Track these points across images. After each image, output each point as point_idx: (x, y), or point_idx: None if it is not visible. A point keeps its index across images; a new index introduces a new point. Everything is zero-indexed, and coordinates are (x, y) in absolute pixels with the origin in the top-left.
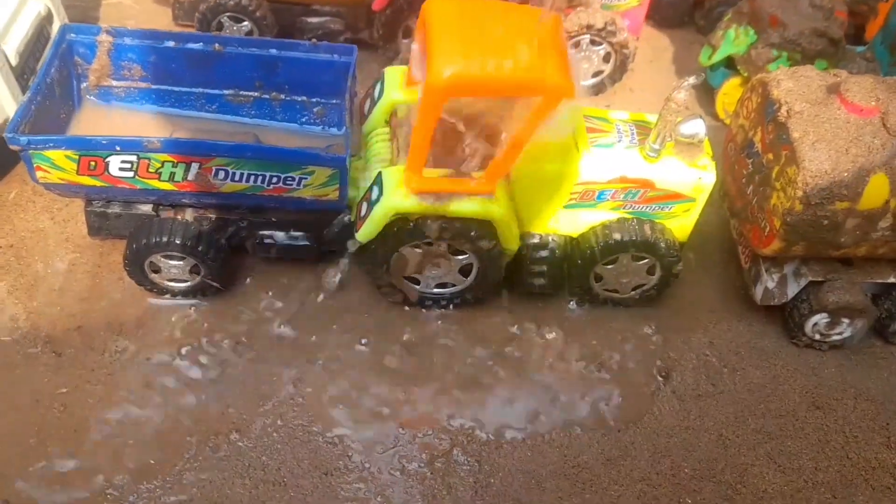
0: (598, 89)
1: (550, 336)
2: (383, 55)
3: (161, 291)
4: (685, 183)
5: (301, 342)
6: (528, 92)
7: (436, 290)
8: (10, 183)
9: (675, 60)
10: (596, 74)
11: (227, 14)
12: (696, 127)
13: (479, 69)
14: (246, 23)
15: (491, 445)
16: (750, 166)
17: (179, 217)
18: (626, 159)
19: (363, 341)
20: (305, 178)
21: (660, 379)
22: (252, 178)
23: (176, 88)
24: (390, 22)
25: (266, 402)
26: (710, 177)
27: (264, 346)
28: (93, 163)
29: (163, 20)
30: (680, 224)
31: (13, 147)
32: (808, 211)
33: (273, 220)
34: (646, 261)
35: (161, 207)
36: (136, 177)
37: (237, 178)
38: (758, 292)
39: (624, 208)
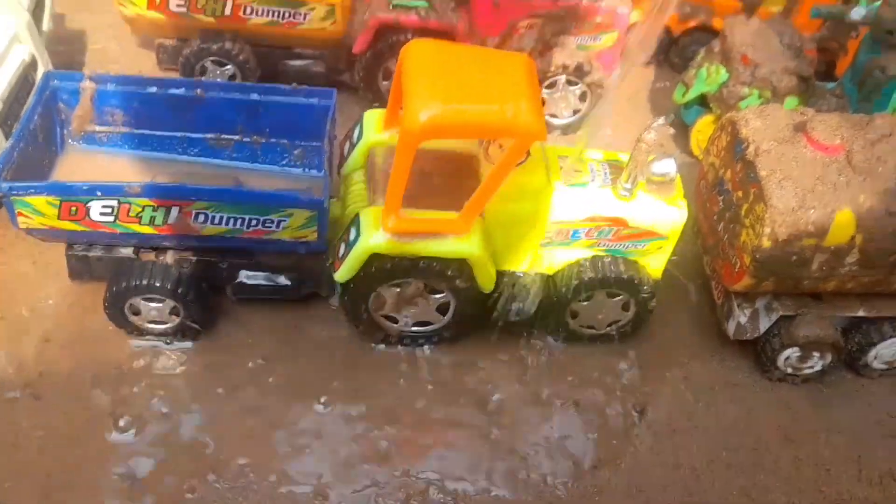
0: (576, 126)
1: (524, 371)
2: (364, 97)
3: (141, 333)
4: (657, 221)
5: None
6: (502, 135)
7: (414, 329)
8: None
9: (652, 98)
10: (574, 113)
11: (211, 58)
12: (668, 166)
13: (454, 113)
14: (229, 66)
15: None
16: (721, 203)
17: (160, 260)
18: (599, 198)
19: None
20: (284, 221)
21: (635, 414)
22: (232, 220)
23: (158, 133)
24: (371, 65)
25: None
26: (681, 215)
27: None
28: (74, 208)
29: (147, 65)
30: (654, 261)
31: None
32: (776, 248)
33: (253, 261)
34: (620, 297)
35: (142, 250)
36: (117, 221)
37: (217, 221)
38: (731, 327)
39: (598, 246)
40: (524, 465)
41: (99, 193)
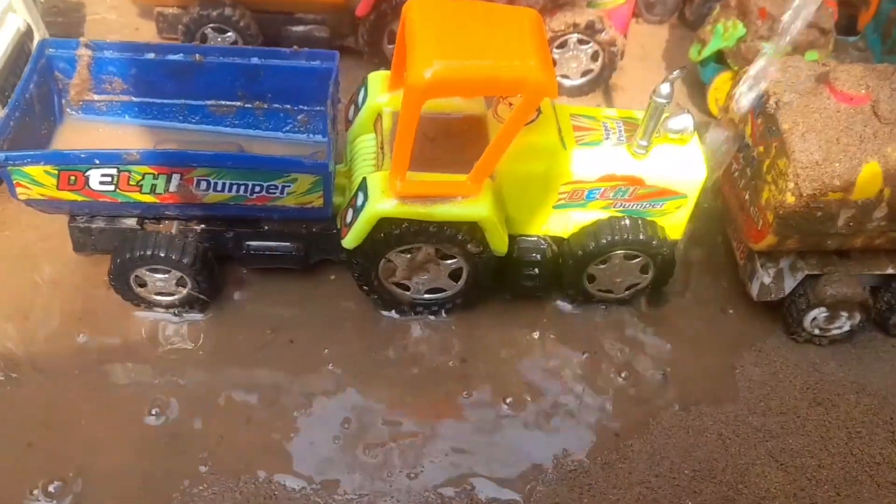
0: (589, 87)
1: (542, 338)
2: (369, 61)
3: (147, 305)
4: (675, 179)
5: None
6: (510, 91)
7: (426, 296)
8: None
9: (666, 57)
10: (585, 73)
11: (211, 25)
12: (685, 122)
13: (460, 68)
14: (230, 33)
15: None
16: (741, 160)
17: (164, 230)
18: (614, 157)
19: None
20: (288, 186)
21: (658, 379)
22: (235, 187)
23: (158, 100)
24: (374, 27)
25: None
26: (700, 172)
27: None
28: (73, 177)
29: (147, 34)
30: (672, 221)
31: None
32: (800, 203)
33: (259, 229)
34: (639, 259)
35: (146, 221)
36: (117, 190)
37: (220, 188)
38: (754, 288)
39: (614, 207)
40: (545, 433)
41: (97, 161)
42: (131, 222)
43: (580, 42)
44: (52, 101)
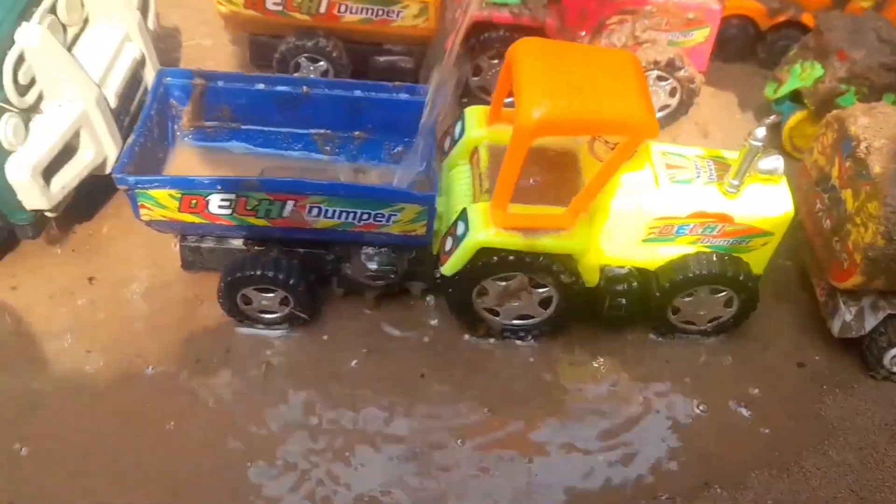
0: (665, 122)
1: (624, 366)
2: (453, 94)
3: (251, 321)
4: (763, 218)
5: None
6: (615, 131)
7: (515, 322)
8: (101, 219)
9: (738, 94)
10: (662, 109)
11: (305, 55)
12: (775, 163)
13: (568, 110)
14: (322, 63)
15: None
16: (826, 201)
17: (270, 251)
18: (706, 195)
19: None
20: (395, 215)
21: (739, 412)
22: (344, 214)
23: (264, 128)
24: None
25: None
26: (788, 211)
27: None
28: (194, 201)
29: (239, 60)
30: (757, 257)
31: (120, 187)
32: (890, 246)
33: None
34: (723, 293)
35: (251, 242)
36: (234, 214)
37: (330, 214)
38: (835, 325)
39: (701, 242)
40: (626, 462)
41: (219, 187)
42: (238, 243)
43: (659, 79)
44: (167, 127)
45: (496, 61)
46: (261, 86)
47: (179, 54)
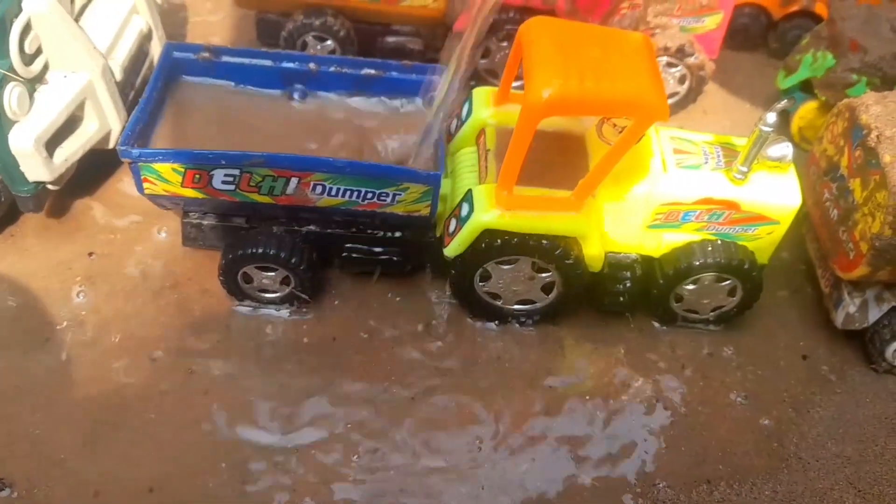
0: (674, 110)
1: (625, 354)
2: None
3: (251, 300)
4: (771, 206)
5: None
6: (625, 112)
7: (516, 307)
8: (103, 194)
9: (748, 83)
10: (671, 96)
11: (313, 34)
12: (784, 150)
13: (578, 89)
14: (329, 42)
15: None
16: (835, 190)
17: (272, 229)
18: (713, 181)
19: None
20: (399, 195)
21: (739, 402)
22: (348, 193)
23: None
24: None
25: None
26: (796, 200)
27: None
28: (198, 175)
29: (246, 37)
30: (762, 246)
31: (125, 159)
32: None
33: (363, 235)
34: (728, 282)
35: (253, 220)
36: (238, 190)
37: (334, 192)
38: (839, 317)
39: (707, 229)
40: (625, 453)
41: (223, 162)
42: (240, 221)
43: (669, 65)
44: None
45: (505, 44)
46: (268, 62)
47: (185, 30)
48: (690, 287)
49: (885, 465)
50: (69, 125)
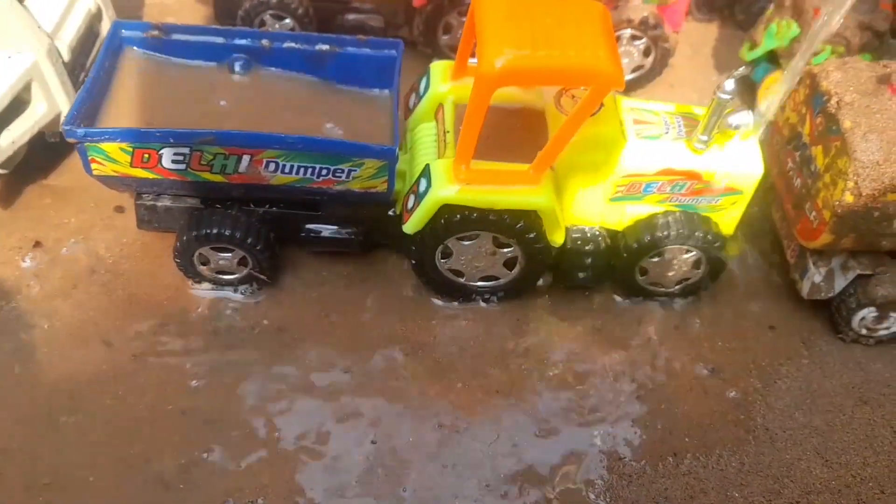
0: (639, 83)
1: (591, 330)
2: (422, 53)
3: (208, 282)
4: (733, 176)
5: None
6: (580, 82)
7: (480, 284)
8: (55, 179)
9: (715, 55)
10: (636, 69)
11: (270, 12)
12: (744, 118)
13: (530, 59)
14: (288, 20)
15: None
16: (797, 158)
17: (228, 210)
18: (673, 151)
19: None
20: (355, 171)
21: (705, 374)
22: (302, 170)
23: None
24: (430, 19)
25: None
26: (758, 169)
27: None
28: (146, 155)
29: (203, 17)
30: (726, 217)
31: (70, 140)
32: (858, 203)
33: (321, 213)
34: (692, 254)
35: (210, 201)
36: (188, 169)
37: (287, 170)
38: (805, 287)
39: (670, 201)
40: (592, 427)
41: (171, 140)
42: (195, 202)
43: (633, 38)
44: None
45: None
46: (220, 39)
47: (141, 12)
48: (654, 260)
49: (852, 434)
50: (15, 107)
